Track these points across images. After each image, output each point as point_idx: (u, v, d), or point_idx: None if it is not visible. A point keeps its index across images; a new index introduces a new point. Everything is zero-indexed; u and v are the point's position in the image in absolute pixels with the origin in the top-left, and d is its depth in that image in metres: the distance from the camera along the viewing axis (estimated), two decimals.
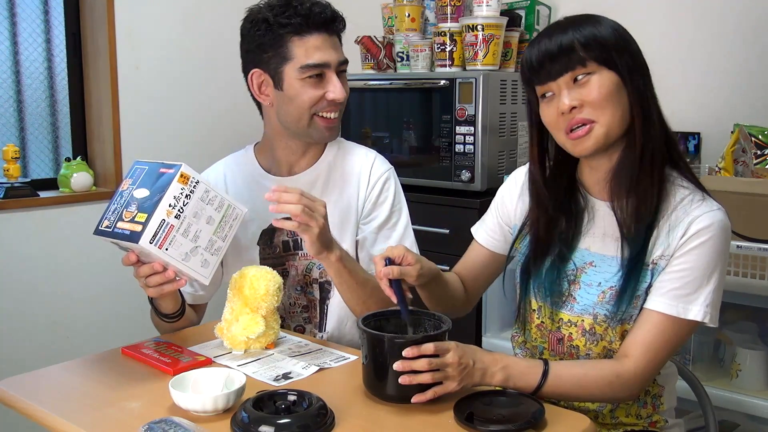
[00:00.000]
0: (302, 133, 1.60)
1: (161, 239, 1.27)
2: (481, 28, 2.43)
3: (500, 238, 1.49)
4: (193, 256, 1.33)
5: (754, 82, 2.35)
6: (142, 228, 1.26)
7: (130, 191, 1.34)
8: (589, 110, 1.23)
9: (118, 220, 1.31)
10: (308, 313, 1.68)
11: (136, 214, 1.29)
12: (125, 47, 2.82)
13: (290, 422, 1.09)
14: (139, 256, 1.37)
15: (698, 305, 1.23)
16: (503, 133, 2.50)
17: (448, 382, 1.18)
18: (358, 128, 2.70)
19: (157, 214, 1.27)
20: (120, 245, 1.35)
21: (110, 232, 1.31)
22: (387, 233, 1.65)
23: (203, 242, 1.35)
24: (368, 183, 1.66)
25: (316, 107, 1.57)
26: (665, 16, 2.49)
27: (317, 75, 1.55)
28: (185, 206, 1.31)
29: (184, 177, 1.31)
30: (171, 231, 1.29)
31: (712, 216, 1.24)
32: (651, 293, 1.26)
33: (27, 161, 2.81)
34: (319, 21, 1.53)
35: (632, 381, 1.24)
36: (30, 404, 1.23)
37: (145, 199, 1.30)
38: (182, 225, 1.31)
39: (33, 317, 2.64)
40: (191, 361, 1.37)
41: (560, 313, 1.35)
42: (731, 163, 2.02)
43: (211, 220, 1.36)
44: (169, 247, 1.29)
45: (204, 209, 1.34)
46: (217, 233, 1.37)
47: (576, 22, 1.25)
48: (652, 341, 1.24)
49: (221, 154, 1.79)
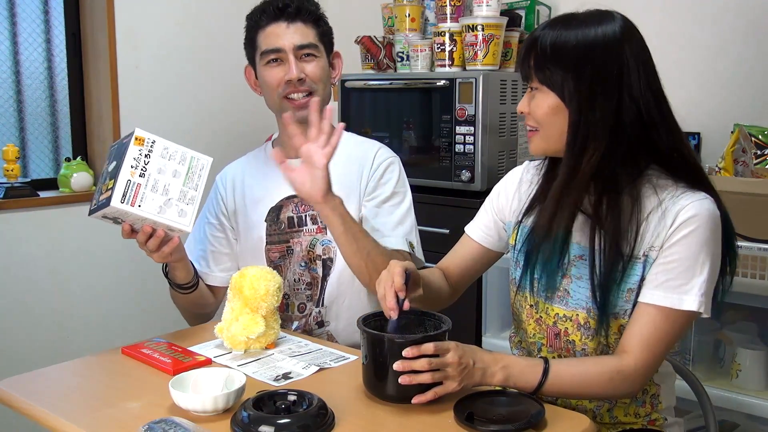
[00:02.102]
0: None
1: (131, 198, 1.38)
2: (481, 28, 2.43)
3: (494, 234, 1.50)
4: (167, 208, 1.43)
5: (754, 82, 2.35)
6: (111, 192, 1.37)
7: (106, 168, 1.47)
8: (532, 119, 1.32)
9: (99, 194, 1.43)
10: (311, 290, 1.71)
11: (108, 183, 1.41)
12: (125, 47, 2.81)
13: (290, 422, 1.09)
14: (131, 226, 1.46)
15: (692, 295, 1.23)
16: (503, 133, 2.50)
17: (448, 382, 1.18)
18: (358, 128, 2.70)
19: (121, 176, 1.38)
20: (108, 217, 1.44)
21: (96, 208, 1.42)
22: (390, 209, 1.70)
23: (174, 194, 1.45)
24: (371, 165, 1.72)
25: (281, 90, 1.67)
26: (665, 16, 2.49)
27: (274, 60, 1.67)
28: (147, 165, 1.42)
29: (139, 139, 1.42)
30: (139, 189, 1.40)
31: (698, 205, 1.24)
32: (644, 286, 1.27)
33: (27, 161, 2.81)
34: (275, 11, 1.67)
35: (633, 376, 1.24)
36: (30, 404, 1.23)
37: (114, 169, 1.42)
38: (149, 182, 1.41)
39: (33, 317, 2.64)
40: (191, 361, 1.37)
41: (555, 308, 1.35)
42: (731, 163, 2.02)
43: (177, 173, 1.46)
44: (142, 204, 1.40)
45: (167, 165, 1.45)
46: (186, 184, 1.47)
47: (551, 31, 1.27)
48: (650, 335, 1.24)
49: (221, 154, 1.80)
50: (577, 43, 1.25)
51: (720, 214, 1.27)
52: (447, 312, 1.32)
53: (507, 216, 1.48)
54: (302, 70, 1.66)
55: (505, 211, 1.49)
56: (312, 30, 1.68)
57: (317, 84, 1.68)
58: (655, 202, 1.28)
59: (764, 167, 1.94)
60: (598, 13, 1.29)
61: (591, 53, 1.25)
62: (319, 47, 1.69)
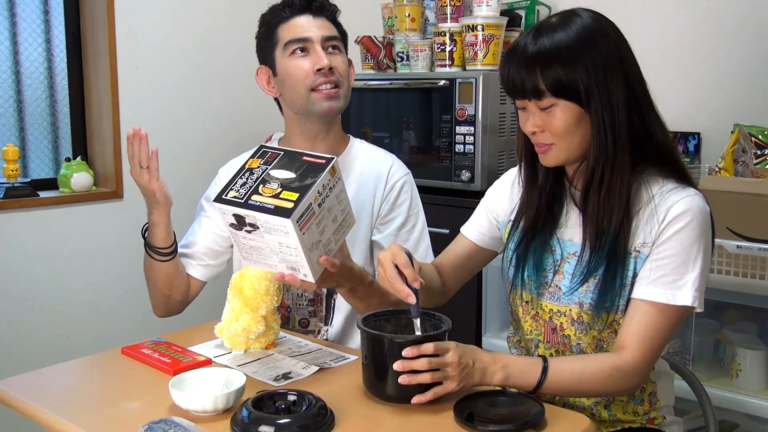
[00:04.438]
0: (307, 112, 1.63)
1: (304, 222, 1.25)
2: (481, 28, 2.43)
3: (487, 233, 1.51)
4: (315, 248, 1.30)
5: (754, 82, 2.35)
6: (294, 205, 1.23)
7: (265, 170, 1.31)
8: (548, 135, 1.28)
9: (253, 193, 1.27)
10: (314, 306, 1.69)
11: (280, 191, 1.26)
12: (125, 47, 2.81)
13: (290, 422, 1.09)
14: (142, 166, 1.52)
15: (686, 290, 1.25)
16: (503, 133, 2.50)
17: (448, 382, 1.18)
18: (358, 128, 2.70)
19: (308, 196, 1.24)
20: (240, 216, 1.28)
21: (241, 203, 1.26)
22: (405, 236, 1.68)
23: (325, 238, 1.32)
24: (386, 184, 1.69)
25: (309, 81, 1.60)
26: (665, 16, 2.49)
27: (301, 49, 1.61)
28: (326, 198, 1.29)
29: (334, 170, 1.30)
30: (312, 218, 1.26)
31: (689, 201, 1.26)
32: (638, 282, 1.28)
33: (27, 161, 2.81)
34: (301, 5, 1.63)
35: (631, 372, 1.25)
36: (30, 404, 1.23)
37: (292, 180, 1.27)
38: (320, 215, 1.28)
39: (33, 317, 2.64)
40: (191, 361, 1.37)
41: (548, 303, 1.37)
42: (731, 163, 2.02)
43: (336, 219, 1.34)
44: (306, 233, 1.26)
45: (335, 206, 1.32)
46: (335, 234, 1.34)
47: (540, 41, 1.24)
48: (646, 330, 1.25)
49: (221, 154, 1.79)
50: (574, 37, 1.24)
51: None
52: (447, 312, 1.32)
53: (500, 216, 1.50)
54: (325, 57, 1.61)
55: (498, 212, 1.50)
56: (334, 27, 1.67)
57: (343, 78, 1.64)
58: (645, 198, 1.29)
59: (764, 167, 1.94)
60: (566, 12, 1.29)
61: (591, 41, 1.24)
62: (342, 43, 1.68)
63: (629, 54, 1.29)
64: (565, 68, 1.22)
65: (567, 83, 1.23)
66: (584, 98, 1.24)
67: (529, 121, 1.29)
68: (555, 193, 1.39)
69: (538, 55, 1.24)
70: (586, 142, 1.28)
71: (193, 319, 1.73)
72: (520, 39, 1.29)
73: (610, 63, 1.25)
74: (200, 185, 1.80)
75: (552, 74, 1.23)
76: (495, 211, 1.51)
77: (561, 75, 1.23)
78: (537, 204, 1.39)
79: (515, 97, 1.30)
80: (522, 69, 1.25)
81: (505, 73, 1.29)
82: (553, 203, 1.39)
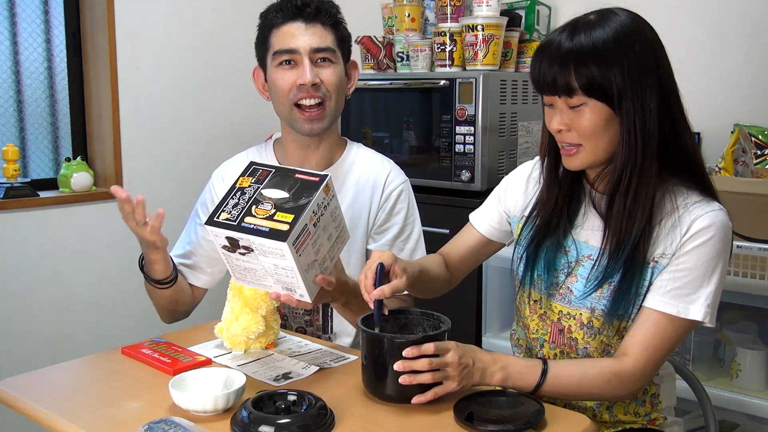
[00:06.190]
0: (291, 125, 1.61)
1: (299, 244, 1.21)
2: (481, 28, 2.43)
3: (497, 226, 1.50)
4: (311, 268, 1.27)
5: (754, 82, 2.35)
6: (290, 228, 1.19)
7: (257, 189, 1.27)
8: (575, 135, 1.25)
9: (246, 215, 1.23)
10: (310, 316, 1.67)
11: (274, 212, 1.22)
12: (125, 47, 2.81)
13: (290, 422, 1.09)
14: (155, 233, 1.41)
15: (699, 305, 1.23)
16: (503, 133, 2.50)
17: (448, 382, 1.18)
18: (358, 128, 2.70)
19: (303, 217, 1.21)
20: (233, 239, 1.25)
21: (234, 225, 1.22)
22: (400, 245, 1.66)
23: (320, 257, 1.28)
24: (382, 193, 1.65)
25: (292, 95, 1.56)
26: (665, 16, 2.48)
27: (287, 61, 1.57)
28: (321, 217, 1.26)
29: (328, 188, 1.26)
30: (308, 238, 1.23)
31: (713, 216, 1.24)
32: (651, 292, 1.26)
33: (27, 161, 2.81)
34: (293, 9, 1.57)
35: (631, 379, 1.24)
36: (30, 404, 1.23)
37: (285, 200, 1.24)
38: (315, 234, 1.25)
39: (33, 317, 2.64)
40: (191, 361, 1.37)
41: (558, 305, 1.35)
42: (731, 163, 2.02)
43: (331, 237, 1.30)
44: (302, 254, 1.22)
45: (330, 224, 1.29)
46: (330, 251, 1.31)
47: (576, 38, 1.21)
48: (652, 340, 1.24)
49: (221, 154, 1.79)
50: (612, 37, 1.20)
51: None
52: (447, 312, 1.32)
53: (512, 211, 1.48)
54: (317, 75, 1.55)
55: (510, 206, 1.49)
56: (331, 34, 1.58)
57: (332, 92, 1.58)
58: (669, 207, 1.27)
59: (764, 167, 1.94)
60: (604, 10, 1.26)
61: (628, 42, 1.21)
62: (336, 53, 1.59)
63: (665, 59, 1.26)
64: (600, 68, 1.19)
65: (600, 83, 1.20)
66: (616, 100, 1.20)
67: (555, 118, 1.26)
68: (573, 192, 1.36)
69: (574, 52, 1.20)
70: (613, 146, 1.25)
71: (193, 319, 1.72)
72: (553, 35, 1.26)
73: (646, 66, 1.22)
74: (200, 185, 1.80)
75: (586, 72, 1.20)
76: (507, 206, 1.49)
77: (596, 74, 1.19)
78: (554, 203, 1.36)
79: (544, 93, 1.27)
80: (555, 65, 1.22)
81: (537, 68, 1.25)
82: (570, 203, 1.36)
